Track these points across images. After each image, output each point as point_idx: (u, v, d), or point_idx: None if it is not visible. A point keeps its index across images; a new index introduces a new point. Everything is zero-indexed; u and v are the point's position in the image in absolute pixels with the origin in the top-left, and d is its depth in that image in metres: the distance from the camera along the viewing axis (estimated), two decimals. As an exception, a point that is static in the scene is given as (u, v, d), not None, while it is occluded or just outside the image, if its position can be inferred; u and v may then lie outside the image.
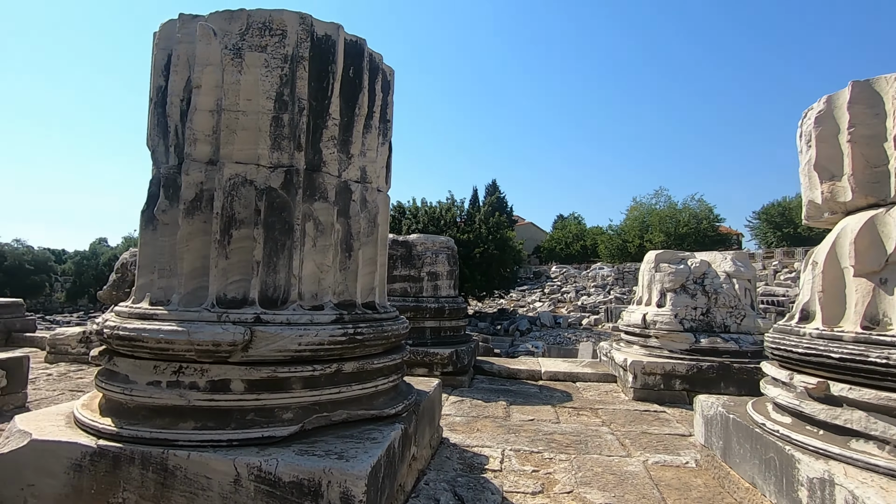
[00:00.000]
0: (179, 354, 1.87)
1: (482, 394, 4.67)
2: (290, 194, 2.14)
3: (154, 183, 2.21)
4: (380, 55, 2.62)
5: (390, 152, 2.79)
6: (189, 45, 2.20)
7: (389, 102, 2.71)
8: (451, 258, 5.83)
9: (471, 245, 20.34)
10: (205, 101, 2.13)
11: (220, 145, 2.10)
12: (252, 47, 2.17)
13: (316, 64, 2.24)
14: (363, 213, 2.42)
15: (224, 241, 2.03)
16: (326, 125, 2.27)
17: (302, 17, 2.26)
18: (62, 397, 4.02)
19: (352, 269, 2.33)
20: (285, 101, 2.17)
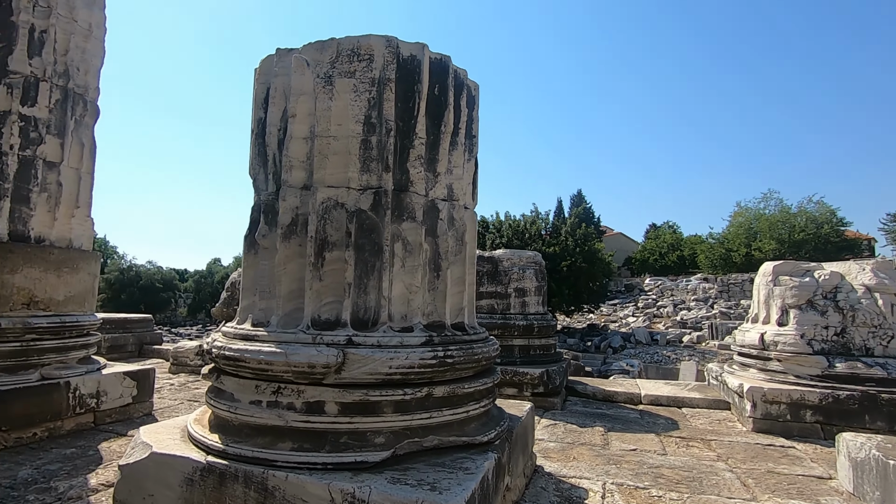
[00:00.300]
0: (278, 375, 1.92)
1: (576, 417, 4.40)
2: (378, 215, 2.14)
3: (255, 209, 2.33)
4: (464, 71, 2.58)
5: (476, 168, 2.73)
6: (285, 77, 2.31)
7: (475, 118, 2.66)
8: (538, 273, 5.64)
9: (557, 258, 19.77)
10: (299, 129, 2.22)
11: (314, 170, 2.17)
12: (342, 74, 2.22)
13: (402, 85, 2.25)
14: (451, 232, 2.37)
15: (318, 264, 2.08)
16: (413, 145, 2.26)
17: (388, 40, 2.28)
18: (181, 406, 4.40)
19: (440, 290, 2.28)
20: (373, 123, 2.20)
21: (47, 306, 3.45)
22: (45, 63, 3.48)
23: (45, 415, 3.24)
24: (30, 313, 3.34)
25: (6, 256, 3.24)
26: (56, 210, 3.57)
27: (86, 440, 3.27)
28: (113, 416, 3.70)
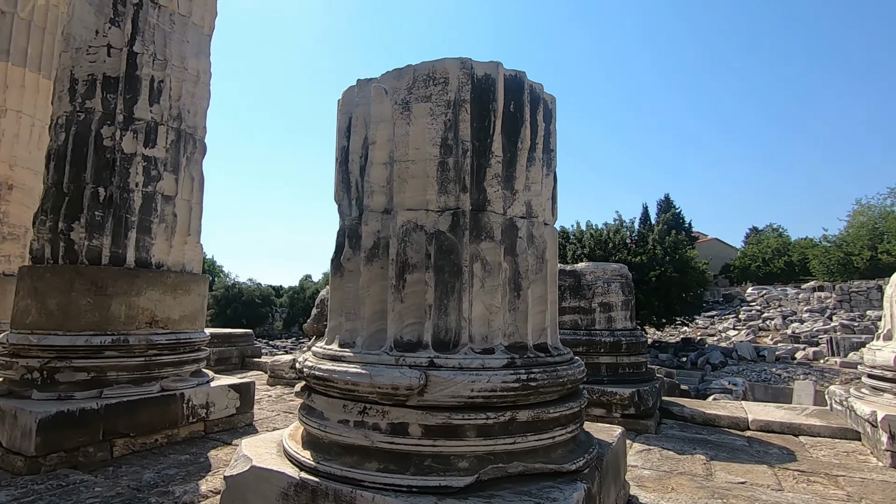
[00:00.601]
0: (363, 396, 1.97)
1: (673, 443, 4.08)
2: (457, 236, 2.15)
3: (340, 234, 2.44)
4: (540, 85, 2.54)
5: (555, 183, 2.66)
6: (365, 106, 2.42)
7: (552, 132, 2.60)
8: (625, 287, 5.35)
9: (645, 268, 18.71)
10: (379, 155, 2.30)
11: (394, 194, 2.23)
12: (418, 99, 2.28)
13: (477, 105, 2.26)
14: (530, 250, 2.31)
15: (399, 286, 2.12)
16: (489, 163, 2.25)
17: (462, 62, 2.31)
18: (278, 418, 4.68)
19: (521, 310, 2.23)
20: (449, 145, 2.22)
21: (165, 325, 3.85)
22: (162, 109, 3.94)
23: (164, 423, 3.60)
24: (151, 331, 3.75)
25: (133, 281, 3.68)
26: (172, 238, 4.00)
27: (197, 447, 3.58)
28: (219, 426, 4.02)
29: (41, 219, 3.74)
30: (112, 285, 3.59)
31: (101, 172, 3.70)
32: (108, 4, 3.80)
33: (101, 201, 3.68)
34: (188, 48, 4.15)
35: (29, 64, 5.61)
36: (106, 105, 3.75)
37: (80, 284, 3.52)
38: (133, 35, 3.84)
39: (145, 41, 3.88)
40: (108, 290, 3.57)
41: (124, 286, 3.63)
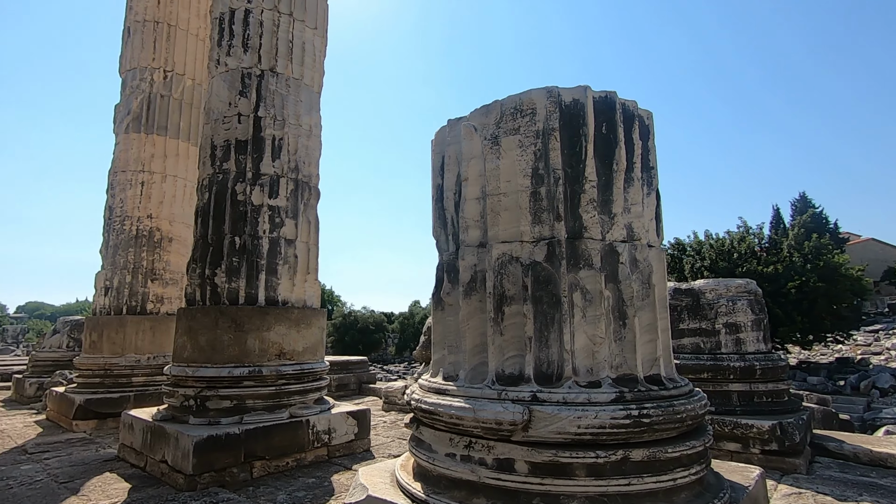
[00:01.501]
0: (468, 430, 1.99)
1: (831, 486, 3.50)
2: (553, 266, 2.12)
3: (439, 268, 2.53)
4: (633, 102, 2.44)
5: (658, 201, 2.51)
6: (456, 144, 2.51)
7: (650, 148, 2.47)
8: (754, 304, 4.79)
9: (780, 279, 16.56)
10: (471, 191, 2.37)
11: (488, 228, 2.27)
12: (506, 132, 2.32)
13: (566, 131, 2.23)
14: (634, 276, 2.20)
15: (497, 319, 2.13)
16: (584, 189, 2.20)
17: (549, 90, 2.31)
18: (392, 444, 4.87)
19: (628, 339, 2.11)
20: (541, 174, 2.22)
21: (291, 356, 4.25)
22: (282, 163, 4.44)
23: (293, 447, 3.93)
24: (280, 363, 4.16)
25: (264, 318, 4.13)
26: (294, 277, 4.44)
27: (322, 472, 3.84)
28: (340, 451, 4.29)
29: (192, 266, 4.38)
30: (247, 322, 4.06)
31: (236, 223, 4.25)
32: (237, 79, 4.43)
33: (236, 248, 4.21)
34: (301, 106, 4.65)
35: (181, 135, 6.68)
36: (238, 165, 4.33)
37: (223, 322, 4.04)
38: (257, 102, 4.41)
39: (267, 106, 4.43)
40: (245, 327, 4.05)
41: (257, 322, 4.09)
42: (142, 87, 6.55)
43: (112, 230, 6.44)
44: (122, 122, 6.58)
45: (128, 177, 6.43)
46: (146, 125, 6.49)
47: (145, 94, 6.54)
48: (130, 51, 6.68)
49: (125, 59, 6.76)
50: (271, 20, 4.54)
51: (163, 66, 6.63)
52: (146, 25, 6.63)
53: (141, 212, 6.41)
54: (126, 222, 6.38)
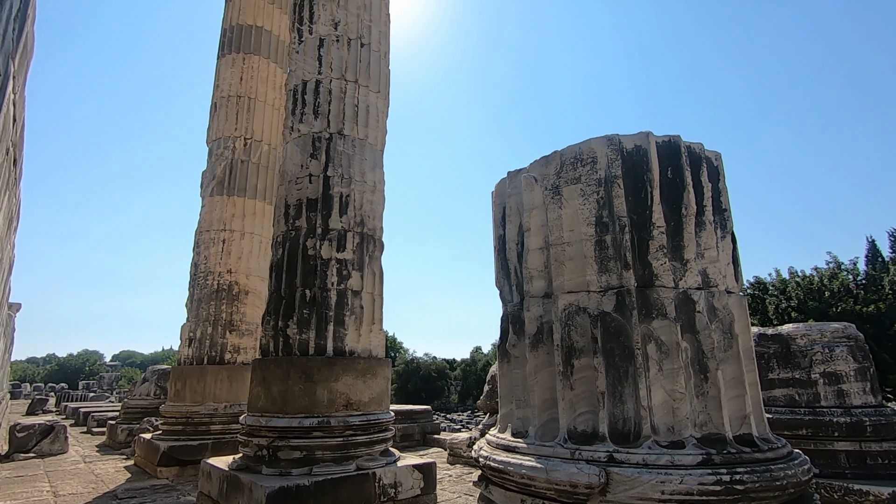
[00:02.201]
0: (541, 492, 1.90)
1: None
2: (624, 316, 2.04)
3: (504, 320, 2.51)
4: (699, 144, 2.38)
5: (734, 244, 2.38)
6: (517, 195, 2.54)
7: (722, 189, 2.38)
8: (856, 351, 4.31)
9: (884, 319, 14.83)
10: (534, 241, 2.36)
11: (552, 278, 2.24)
12: (567, 181, 2.32)
13: (630, 178, 2.20)
14: (714, 325, 2.06)
15: (567, 372, 2.06)
16: (651, 236, 2.14)
17: (609, 139, 2.31)
18: (459, 500, 4.70)
19: (712, 395, 1.96)
20: (605, 222, 2.18)
21: (358, 407, 4.29)
22: (349, 218, 4.68)
23: (360, 501, 3.90)
24: (347, 413, 4.21)
25: (332, 368, 4.23)
26: (360, 328, 4.55)
27: (389, 528, 3.76)
28: (407, 507, 4.19)
29: (266, 319, 4.62)
30: (317, 373, 4.18)
31: (307, 276, 4.47)
32: (308, 143, 4.79)
33: (307, 301, 4.41)
34: (366, 164, 4.92)
35: (258, 196, 7.24)
36: (309, 221, 4.60)
37: (294, 374, 4.18)
38: (326, 163, 4.72)
39: (335, 165, 4.73)
40: (314, 378, 4.16)
41: (325, 373, 4.20)
42: (225, 154, 7.23)
43: (196, 285, 6.98)
44: (207, 186, 7.25)
45: (211, 235, 7.01)
46: (228, 188, 7.11)
47: (228, 161, 7.20)
48: (216, 123, 7.44)
49: (212, 130, 7.52)
50: (339, 88, 4.92)
51: (243, 135, 7.31)
52: (230, 100, 7.39)
53: (222, 267, 6.91)
54: (209, 277, 6.89)
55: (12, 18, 3.26)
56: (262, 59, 7.62)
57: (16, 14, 3.38)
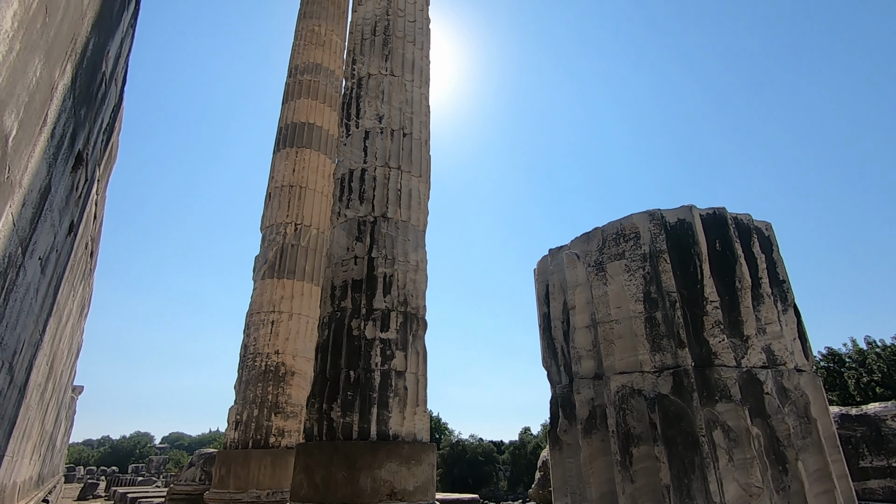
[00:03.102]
0: None
1: None
2: (683, 399, 1.90)
3: (553, 403, 2.39)
4: (747, 215, 2.33)
5: (799, 317, 2.23)
6: (560, 273, 2.52)
7: (777, 260, 2.28)
8: (962, 435, 3.78)
9: None
10: (580, 319, 2.30)
11: (602, 358, 2.15)
12: (611, 257, 2.29)
13: (676, 252, 2.16)
14: (786, 408, 1.89)
15: (625, 462, 1.91)
16: (706, 311, 2.04)
17: (650, 213, 2.30)
18: None
19: (794, 489, 1.75)
20: (654, 298, 2.12)
21: (402, 497, 4.08)
22: (392, 298, 4.74)
23: None
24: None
25: (375, 454, 4.10)
26: (404, 410, 4.44)
27: None
28: None
29: (311, 401, 4.60)
30: (360, 459, 4.05)
31: (351, 357, 4.48)
32: (354, 227, 5.01)
33: (351, 382, 4.38)
34: (409, 245, 5.06)
35: (306, 278, 7.52)
36: (354, 302, 4.69)
37: (337, 459, 4.07)
38: (371, 245, 4.90)
39: (379, 247, 4.89)
40: (357, 464, 4.03)
41: (369, 459, 4.06)
42: (277, 239, 7.65)
43: (245, 366, 7.11)
44: (259, 269, 7.62)
45: (261, 317, 7.24)
46: (278, 270, 7.44)
47: (279, 245, 7.60)
48: (270, 211, 7.96)
49: (266, 217, 8.04)
50: (383, 174, 5.21)
51: (294, 220, 7.76)
52: (283, 189, 7.95)
53: (270, 348, 7.06)
54: (257, 359, 7.03)
55: (102, 131, 3.73)
56: (313, 152, 8.25)
57: (105, 126, 3.87)
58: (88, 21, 2.22)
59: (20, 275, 2.23)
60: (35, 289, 2.75)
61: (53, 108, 1.95)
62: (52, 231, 2.70)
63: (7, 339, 2.43)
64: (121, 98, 4.15)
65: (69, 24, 1.86)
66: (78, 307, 5.26)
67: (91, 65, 2.52)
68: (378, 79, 5.62)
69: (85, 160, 3.03)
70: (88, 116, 2.81)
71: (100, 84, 2.95)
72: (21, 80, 1.45)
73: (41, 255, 2.60)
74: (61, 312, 4.64)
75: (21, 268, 2.20)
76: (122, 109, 4.47)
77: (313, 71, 8.76)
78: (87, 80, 2.50)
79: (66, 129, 2.32)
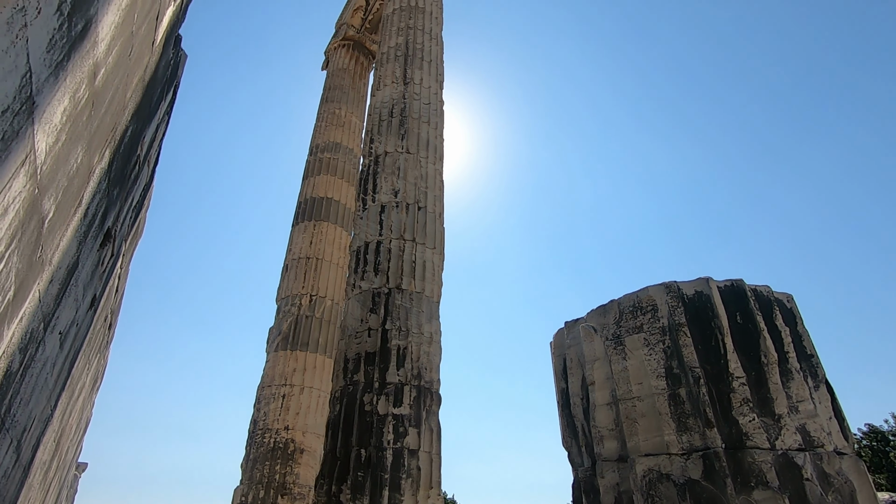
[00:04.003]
0: None
1: None
2: (716, 484, 1.77)
3: (575, 488, 2.24)
4: (766, 287, 2.29)
5: (833, 395, 2.12)
6: (577, 346, 2.47)
7: (802, 334, 2.20)
8: None
9: None
10: (601, 396, 2.22)
11: (626, 438, 2.04)
12: (629, 331, 2.25)
13: (696, 325, 2.11)
14: (830, 496, 1.74)
15: (658, 558, 1.75)
16: (732, 388, 1.96)
17: (667, 286, 2.28)
18: None
19: None
20: (676, 374, 2.04)
21: None
22: (406, 371, 4.65)
23: None
24: None
25: (386, 543, 3.81)
26: (416, 493, 4.20)
27: None
28: None
29: (320, 482, 4.38)
30: (370, 549, 3.77)
31: (363, 435, 4.32)
32: (369, 299, 5.03)
33: (361, 462, 4.19)
34: (423, 316, 5.04)
35: (319, 350, 7.45)
36: (366, 376, 4.60)
37: (345, 548, 3.79)
38: (385, 317, 4.88)
39: (393, 319, 4.87)
40: (367, 555, 3.74)
41: (379, 549, 3.78)
42: (292, 310, 7.68)
43: (254, 443, 6.88)
44: (273, 341, 7.59)
45: (273, 391, 7.10)
46: (292, 342, 7.40)
47: (294, 317, 7.62)
48: (286, 282, 8.07)
49: (282, 289, 8.13)
50: (398, 247, 5.31)
51: (309, 292, 7.83)
52: (300, 261, 8.10)
53: (279, 423, 6.86)
54: (266, 435, 6.81)
55: (132, 208, 3.91)
56: (330, 225, 8.49)
57: (135, 204, 4.06)
58: (129, 111, 2.41)
59: (39, 350, 2.25)
60: (52, 363, 2.76)
61: (89, 189, 2.07)
62: (74, 306, 2.76)
63: (19, 416, 2.41)
64: (152, 177, 4.39)
65: (111, 116, 2.02)
66: (91, 380, 5.23)
67: (127, 149, 2.70)
68: (394, 156, 5.89)
69: (113, 236, 3.16)
70: (120, 196, 2.97)
71: (133, 166, 3.14)
72: (63, 168, 1.56)
73: (62, 329, 2.64)
74: (74, 386, 4.62)
75: (41, 343, 2.23)
76: (152, 188, 4.71)
77: (333, 149, 9.24)
78: (122, 164, 2.67)
79: (99, 208, 2.44)
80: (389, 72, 6.60)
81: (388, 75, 6.58)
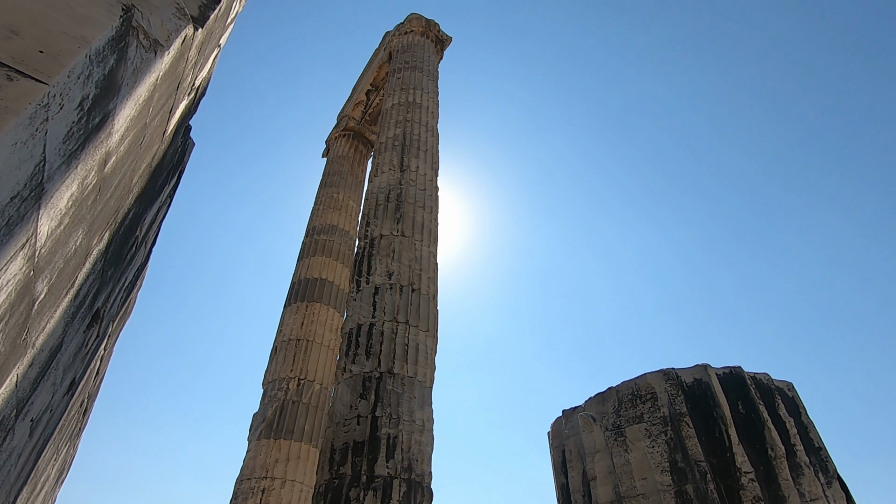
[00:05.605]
0: None
1: None
2: None
3: None
4: (765, 375, 2.25)
5: (846, 491, 2.01)
6: (576, 437, 2.36)
7: (808, 425, 2.13)
8: None
9: None
10: (603, 493, 2.08)
11: (632, 542, 1.89)
12: (629, 420, 2.17)
13: (697, 415, 2.05)
14: None
15: None
16: (741, 484, 1.85)
17: (665, 373, 2.24)
18: None
19: None
20: (681, 468, 1.94)
21: None
22: (396, 462, 4.38)
23: None
24: None
25: None
26: None
27: None
28: None
29: None
30: None
31: (347, 536, 3.96)
32: (359, 383, 4.87)
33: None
34: (415, 402, 4.85)
35: (304, 438, 7.06)
36: (354, 468, 4.32)
37: None
38: (375, 402, 4.69)
39: (383, 405, 4.68)
40: None
41: None
42: (278, 395, 7.37)
43: (226, 546, 6.26)
44: (256, 428, 7.19)
45: (251, 484, 6.61)
46: (276, 430, 7.01)
47: (280, 402, 7.30)
48: (274, 365, 7.82)
49: (269, 372, 7.86)
50: (391, 329, 5.23)
51: (298, 375, 7.57)
52: (290, 343, 7.93)
53: (256, 523, 6.30)
54: (241, 536, 6.23)
55: (123, 288, 3.88)
56: (323, 306, 8.43)
57: (128, 284, 4.04)
58: (133, 195, 2.48)
59: (6, 439, 2.12)
60: (18, 454, 2.58)
61: (84, 271, 2.07)
62: (52, 390, 2.64)
63: (-29, 514, 2.21)
64: (147, 258, 4.41)
65: (116, 200, 2.07)
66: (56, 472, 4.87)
67: (127, 230, 2.74)
68: (389, 239, 6.00)
69: (101, 317, 3.10)
70: (114, 276, 2.96)
71: (131, 247, 3.17)
72: (61, 250, 1.57)
73: (34, 416, 2.50)
74: (37, 479, 4.28)
75: (10, 431, 2.10)
76: (146, 268, 4.72)
77: (329, 231, 9.42)
78: (120, 244, 2.70)
79: (91, 289, 2.43)
80: (387, 159, 6.93)
81: (386, 163, 6.90)
